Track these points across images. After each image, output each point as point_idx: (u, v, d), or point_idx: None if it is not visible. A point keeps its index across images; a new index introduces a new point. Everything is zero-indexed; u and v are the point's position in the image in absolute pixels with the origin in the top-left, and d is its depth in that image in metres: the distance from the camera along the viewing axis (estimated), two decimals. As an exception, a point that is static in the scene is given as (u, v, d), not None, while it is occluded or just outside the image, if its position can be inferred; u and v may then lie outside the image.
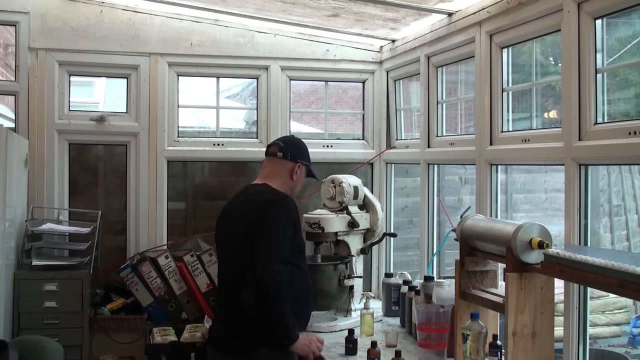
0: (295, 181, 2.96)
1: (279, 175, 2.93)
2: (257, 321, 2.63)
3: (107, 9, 4.16)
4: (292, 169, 2.94)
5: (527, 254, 2.38)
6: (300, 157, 2.97)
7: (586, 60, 2.52)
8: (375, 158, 4.54)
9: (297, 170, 2.94)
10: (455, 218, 3.28)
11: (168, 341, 3.80)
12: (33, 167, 4.05)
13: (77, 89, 4.51)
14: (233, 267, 2.79)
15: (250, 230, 2.68)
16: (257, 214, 2.70)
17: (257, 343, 2.64)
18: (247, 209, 2.76)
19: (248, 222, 2.71)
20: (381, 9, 3.59)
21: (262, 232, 2.67)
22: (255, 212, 2.70)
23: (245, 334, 2.67)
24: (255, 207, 2.72)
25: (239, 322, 2.70)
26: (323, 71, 4.53)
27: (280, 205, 2.74)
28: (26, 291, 3.68)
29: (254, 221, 2.68)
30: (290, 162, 2.94)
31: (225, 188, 4.57)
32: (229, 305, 2.78)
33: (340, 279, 3.49)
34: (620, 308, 5.69)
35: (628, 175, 6.83)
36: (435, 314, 2.79)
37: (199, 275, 4.11)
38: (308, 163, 3.01)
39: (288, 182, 2.94)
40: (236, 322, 2.71)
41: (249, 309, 2.63)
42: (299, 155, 2.97)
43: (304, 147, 3.04)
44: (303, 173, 2.99)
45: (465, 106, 4.49)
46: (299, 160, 2.95)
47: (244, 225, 2.72)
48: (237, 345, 2.69)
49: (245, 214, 2.76)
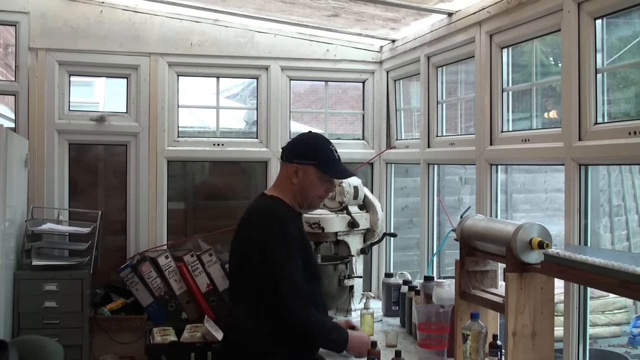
0: (299, 185, 2.61)
1: (282, 182, 2.68)
2: (254, 339, 2.58)
3: (107, 9, 4.16)
4: (290, 170, 2.64)
5: (527, 254, 2.38)
6: (299, 156, 2.62)
7: (586, 60, 2.52)
8: (375, 158, 4.54)
9: (297, 172, 2.62)
10: (455, 218, 3.28)
11: (168, 341, 3.80)
12: (33, 167, 4.05)
13: (77, 89, 4.51)
14: (232, 283, 2.80)
15: (242, 249, 2.62)
16: (245, 238, 2.61)
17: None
18: (241, 227, 2.68)
19: (240, 241, 2.65)
20: (381, 9, 3.59)
21: (260, 265, 2.53)
22: (243, 235, 2.63)
23: (242, 349, 2.62)
24: (243, 229, 2.63)
25: (233, 336, 2.68)
26: (323, 71, 4.53)
27: (260, 225, 2.56)
28: (26, 291, 3.68)
29: (245, 240, 2.61)
30: (288, 164, 2.66)
31: (225, 188, 4.58)
32: (228, 318, 2.79)
33: (340, 279, 3.49)
34: (620, 308, 5.69)
35: (628, 175, 6.82)
36: (435, 314, 2.78)
37: (199, 276, 4.11)
38: (313, 161, 2.61)
39: (290, 188, 2.64)
40: (230, 336, 2.72)
41: (247, 330, 2.60)
42: (298, 154, 2.64)
43: (308, 143, 2.70)
44: (311, 174, 2.61)
45: (465, 106, 4.49)
46: (295, 160, 2.62)
47: (238, 244, 2.66)
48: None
49: (239, 232, 2.68)
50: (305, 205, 2.72)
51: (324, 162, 2.63)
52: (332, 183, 2.71)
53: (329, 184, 2.68)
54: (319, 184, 2.64)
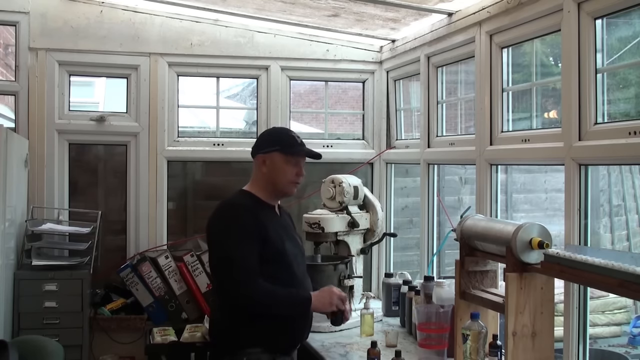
0: (268, 173, 2.70)
1: (254, 176, 2.78)
2: (223, 330, 2.66)
3: (107, 9, 4.16)
4: (259, 162, 2.73)
5: (527, 254, 2.38)
6: (262, 147, 2.74)
7: (586, 60, 2.52)
8: (375, 158, 4.54)
9: (265, 161, 2.70)
10: (455, 218, 3.28)
11: (168, 341, 3.80)
12: (33, 167, 4.05)
13: (77, 89, 4.51)
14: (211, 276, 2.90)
15: (207, 241, 2.72)
16: (206, 230, 2.71)
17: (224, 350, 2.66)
18: (208, 219, 2.75)
19: (206, 233, 2.73)
20: (381, 9, 3.59)
21: (213, 252, 2.67)
22: (206, 226, 2.71)
23: (215, 340, 2.73)
24: (208, 220, 2.71)
25: (210, 329, 2.80)
26: (323, 71, 4.53)
27: (215, 217, 2.68)
28: (26, 291, 3.68)
29: (206, 233, 2.71)
30: (255, 159, 2.76)
31: (225, 188, 4.56)
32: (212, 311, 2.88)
33: (340, 279, 3.49)
34: (620, 308, 5.69)
35: (628, 175, 6.82)
36: (435, 314, 2.79)
37: (199, 275, 4.11)
38: (276, 147, 2.70)
39: (261, 180, 2.73)
40: (210, 329, 2.83)
41: (216, 321, 2.72)
42: (260, 146, 2.75)
43: (269, 134, 2.84)
44: (276, 159, 2.69)
45: (465, 106, 4.49)
46: (259, 152, 2.73)
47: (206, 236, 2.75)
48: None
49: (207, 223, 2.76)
50: (280, 193, 2.78)
51: (287, 145, 2.72)
52: (300, 167, 2.74)
53: (297, 168, 2.73)
54: (287, 168, 2.71)
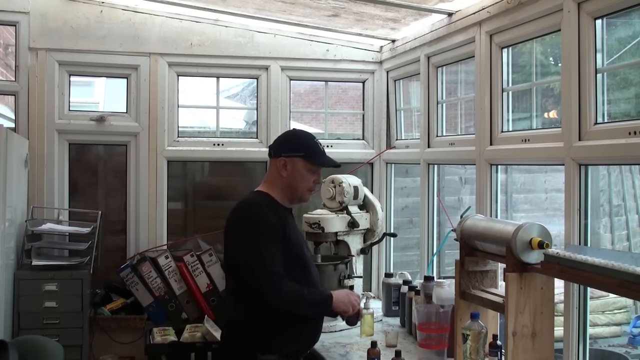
0: (288, 177, 2.68)
1: (271, 177, 2.74)
2: (243, 326, 2.62)
3: (107, 9, 4.16)
4: (279, 165, 2.69)
5: (527, 254, 2.38)
6: (286, 149, 2.70)
7: (586, 60, 2.52)
8: (375, 158, 4.54)
9: (286, 165, 2.68)
10: (455, 218, 3.28)
11: (168, 341, 3.80)
12: (33, 167, 4.05)
13: (77, 89, 4.51)
14: (225, 275, 2.86)
15: (225, 241, 2.69)
16: (226, 230, 2.68)
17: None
18: (226, 220, 2.73)
19: (224, 233, 2.70)
20: (381, 9, 3.59)
21: (236, 252, 2.62)
22: (225, 227, 2.68)
23: (235, 337, 2.68)
24: (226, 221, 2.68)
25: (227, 326, 2.76)
26: (323, 71, 4.53)
27: (238, 216, 2.65)
28: (26, 291, 3.68)
29: (226, 232, 2.68)
30: (276, 159, 2.71)
31: (225, 188, 4.58)
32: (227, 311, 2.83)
33: (340, 279, 3.49)
34: (620, 308, 5.69)
35: (628, 175, 6.82)
36: (435, 314, 2.78)
37: (199, 276, 4.11)
38: (301, 153, 2.68)
39: (279, 182, 2.70)
40: (226, 326, 2.79)
41: (236, 319, 2.66)
42: (284, 148, 2.71)
43: (295, 138, 2.79)
44: (299, 166, 2.68)
45: (465, 106, 4.49)
46: (282, 154, 2.68)
47: (224, 237, 2.71)
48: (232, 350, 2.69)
49: (225, 225, 2.74)
50: (296, 199, 2.77)
51: (311, 153, 2.71)
52: (319, 175, 2.76)
53: (316, 176, 2.74)
54: (308, 175, 2.71)
